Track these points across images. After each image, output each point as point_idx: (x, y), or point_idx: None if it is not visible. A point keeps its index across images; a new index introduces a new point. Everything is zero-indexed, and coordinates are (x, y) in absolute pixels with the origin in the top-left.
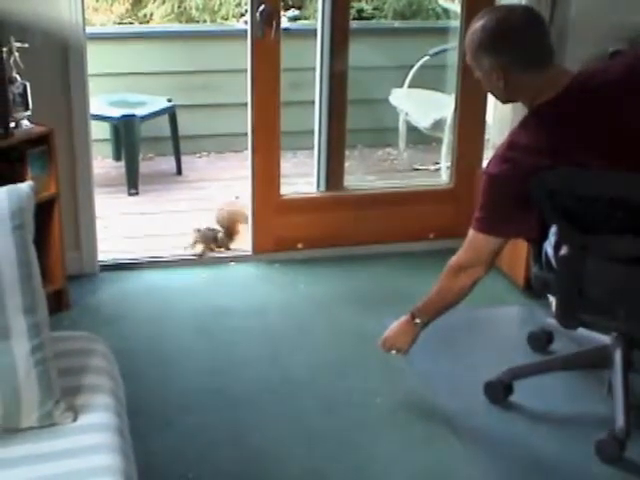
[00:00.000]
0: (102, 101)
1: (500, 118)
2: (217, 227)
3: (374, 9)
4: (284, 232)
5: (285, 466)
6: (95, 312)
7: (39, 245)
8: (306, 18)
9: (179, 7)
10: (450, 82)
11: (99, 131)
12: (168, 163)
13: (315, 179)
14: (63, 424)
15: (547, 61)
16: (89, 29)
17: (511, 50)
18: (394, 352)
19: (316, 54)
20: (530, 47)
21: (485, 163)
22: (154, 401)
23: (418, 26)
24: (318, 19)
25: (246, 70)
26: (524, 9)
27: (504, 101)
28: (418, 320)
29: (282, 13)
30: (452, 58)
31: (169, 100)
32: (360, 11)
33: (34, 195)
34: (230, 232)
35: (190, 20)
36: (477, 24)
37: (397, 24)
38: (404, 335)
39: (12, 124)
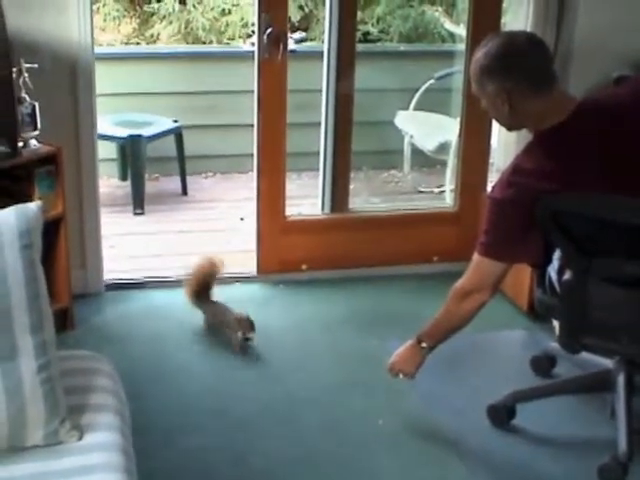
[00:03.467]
0: (109, 121)
1: (505, 142)
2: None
3: (380, 32)
4: (289, 253)
5: None
6: (100, 331)
7: (45, 263)
8: (312, 40)
9: (186, 28)
10: (455, 105)
11: (105, 151)
12: (174, 183)
13: (320, 201)
14: (68, 443)
15: (551, 85)
16: (97, 49)
17: (514, 74)
18: (401, 376)
19: (322, 76)
20: (533, 71)
21: (489, 187)
22: (157, 420)
23: (424, 49)
24: (325, 41)
25: (252, 91)
26: (526, 35)
27: (510, 128)
28: (424, 344)
29: (289, 35)
30: (457, 82)
31: (175, 121)
32: (366, 34)
33: (42, 215)
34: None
35: (197, 40)
36: (480, 52)
37: (403, 47)
38: (410, 359)
39: (20, 143)
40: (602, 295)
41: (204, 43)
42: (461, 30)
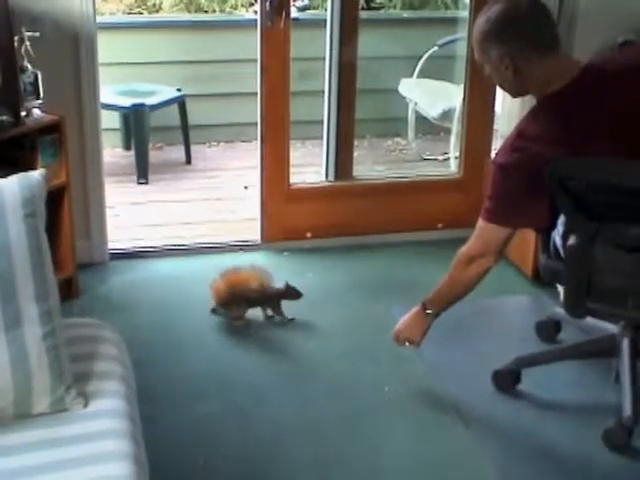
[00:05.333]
0: (112, 90)
1: (509, 108)
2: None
3: None
4: (293, 221)
5: (294, 452)
6: (105, 300)
7: (49, 233)
8: (315, 8)
9: None
10: (459, 72)
11: (109, 120)
12: (177, 152)
13: (324, 169)
14: (74, 410)
15: (554, 49)
16: (99, 18)
17: (517, 38)
18: (407, 343)
19: (325, 44)
20: (536, 34)
21: (494, 153)
22: (164, 388)
23: (427, 16)
24: (327, 9)
25: (256, 60)
26: None
27: (514, 94)
28: (429, 311)
29: (291, 3)
30: (461, 48)
31: (179, 89)
32: (369, 1)
33: (46, 183)
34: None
35: (199, 9)
36: (482, 18)
37: (406, 14)
38: (416, 326)
39: (23, 112)
40: (607, 259)
41: (206, 12)
42: None
